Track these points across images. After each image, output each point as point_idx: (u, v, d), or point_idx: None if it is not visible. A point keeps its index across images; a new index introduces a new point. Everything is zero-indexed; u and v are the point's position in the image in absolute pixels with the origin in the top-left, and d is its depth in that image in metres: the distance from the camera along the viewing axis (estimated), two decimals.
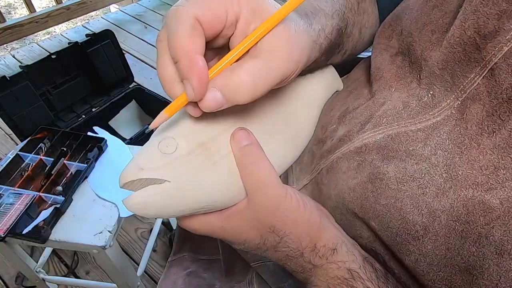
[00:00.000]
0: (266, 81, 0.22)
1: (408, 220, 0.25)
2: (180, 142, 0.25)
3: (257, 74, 0.21)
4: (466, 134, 0.24)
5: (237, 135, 0.26)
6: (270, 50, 0.22)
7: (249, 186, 0.26)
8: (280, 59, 0.22)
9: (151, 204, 0.24)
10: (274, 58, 0.22)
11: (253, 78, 0.21)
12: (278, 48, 0.22)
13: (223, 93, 0.21)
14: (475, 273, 0.21)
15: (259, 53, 0.22)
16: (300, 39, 0.24)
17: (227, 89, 0.21)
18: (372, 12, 0.40)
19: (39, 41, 2.08)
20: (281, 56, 0.22)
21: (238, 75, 0.21)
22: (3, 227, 0.64)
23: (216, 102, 0.21)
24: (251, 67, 0.21)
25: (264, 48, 0.22)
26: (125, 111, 1.37)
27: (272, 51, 0.22)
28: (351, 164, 0.30)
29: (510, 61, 0.22)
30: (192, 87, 0.20)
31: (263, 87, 0.22)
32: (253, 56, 0.22)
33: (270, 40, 0.22)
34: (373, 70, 0.34)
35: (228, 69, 0.22)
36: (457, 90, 0.25)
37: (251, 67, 0.21)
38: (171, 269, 0.59)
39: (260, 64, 0.21)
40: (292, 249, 0.27)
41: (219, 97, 0.21)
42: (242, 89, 0.21)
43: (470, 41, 0.24)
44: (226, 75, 0.21)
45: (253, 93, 0.21)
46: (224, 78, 0.21)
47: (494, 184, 0.21)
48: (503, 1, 0.22)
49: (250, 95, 0.21)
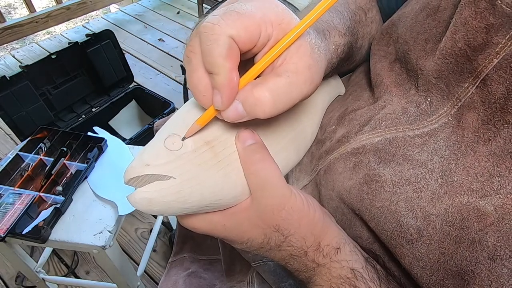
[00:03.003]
0: (286, 101, 0.23)
1: (402, 223, 0.25)
2: (186, 140, 0.25)
3: (278, 93, 0.22)
4: (463, 141, 0.24)
5: (242, 135, 0.27)
6: (294, 71, 0.23)
7: (253, 185, 0.26)
8: (302, 81, 0.23)
9: (155, 200, 0.24)
10: (296, 80, 0.23)
11: (273, 96, 0.22)
12: (303, 71, 0.23)
13: (244, 106, 0.22)
14: (467, 278, 0.22)
15: (284, 72, 0.22)
16: (321, 63, 0.25)
17: (248, 103, 0.22)
18: (379, 20, 0.41)
19: (39, 41, 2.08)
20: (303, 78, 0.23)
21: (260, 92, 0.22)
22: (3, 227, 0.64)
23: (238, 114, 0.23)
24: (273, 85, 0.22)
25: (288, 68, 0.23)
26: (125, 111, 1.37)
27: (296, 72, 0.23)
28: (347, 165, 0.31)
29: (501, 72, 0.22)
30: (222, 98, 0.22)
31: (282, 106, 0.23)
32: (277, 74, 0.22)
33: (296, 61, 0.23)
34: (373, 77, 0.34)
35: (252, 84, 0.23)
36: (453, 98, 0.26)
37: (273, 86, 0.22)
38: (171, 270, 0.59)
39: (282, 83, 0.22)
40: (296, 248, 0.28)
41: (240, 110, 0.22)
42: (262, 105, 0.22)
43: (461, 52, 0.24)
44: (248, 90, 0.22)
45: (272, 110, 0.23)
46: (246, 93, 0.22)
47: (489, 191, 0.22)
48: (491, 15, 0.23)
49: (269, 111, 0.22)
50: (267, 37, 0.22)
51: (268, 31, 0.22)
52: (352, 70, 0.43)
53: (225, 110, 0.23)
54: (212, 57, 0.21)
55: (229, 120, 0.23)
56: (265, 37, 0.22)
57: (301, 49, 0.23)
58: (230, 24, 0.21)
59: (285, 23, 0.22)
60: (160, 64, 1.93)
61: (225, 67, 0.21)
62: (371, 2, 0.40)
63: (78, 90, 1.26)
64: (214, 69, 0.21)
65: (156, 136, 0.26)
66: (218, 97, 0.22)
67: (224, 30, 0.21)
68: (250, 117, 0.23)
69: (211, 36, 0.21)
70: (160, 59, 1.97)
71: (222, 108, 0.22)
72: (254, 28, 0.22)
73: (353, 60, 0.39)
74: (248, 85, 0.23)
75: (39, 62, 1.12)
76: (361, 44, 0.38)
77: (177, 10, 2.40)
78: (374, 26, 0.40)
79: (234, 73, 0.21)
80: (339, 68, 0.36)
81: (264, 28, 0.22)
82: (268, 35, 0.22)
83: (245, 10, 0.21)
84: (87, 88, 1.29)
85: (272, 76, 0.22)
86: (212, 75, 0.22)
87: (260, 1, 0.23)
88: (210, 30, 0.21)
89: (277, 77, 0.22)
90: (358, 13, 0.38)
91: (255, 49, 0.23)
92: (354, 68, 0.42)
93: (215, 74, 0.21)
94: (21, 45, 2.20)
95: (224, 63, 0.21)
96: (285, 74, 0.22)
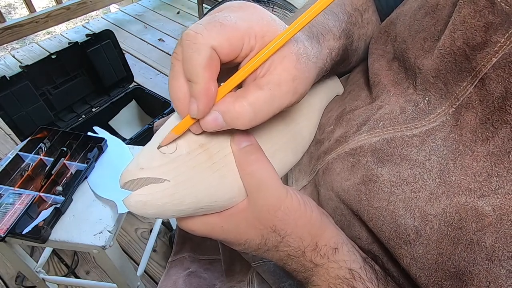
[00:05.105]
0: (266, 112, 0.23)
1: (400, 224, 0.25)
2: (180, 143, 0.25)
3: (259, 106, 0.22)
4: (461, 141, 0.24)
5: (237, 136, 0.27)
6: (277, 83, 0.23)
7: (249, 187, 0.26)
8: (284, 93, 0.23)
9: (150, 203, 0.24)
10: (278, 92, 0.23)
11: (254, 109, 0.22)
12: (285, 83, 0.23)
13: (225, 118, 0.23)
14: (465, 279, 0.22)
15: (265, 84, 0.22)
16: (309, 73, 0.25)
17: (229, 115, 0.22)
18: (376, 20, 0.41)
19: (39, 41, 2.08)
20: (285, 90, 0.23)
21: (241, 105, 0.22)
22: (3, 227, 0.64)
23: (217, 124, 0.23)
24: (254, 99, 0.22)
25: (271, 80, 0.23)
26: (125, 111, 1.37)
27: (279, 84, 0.23)
28: (345, 165, 0.31)
29: (499, 71, 0.22)
30: (198, 107, 0.22)
31: (263, 117, 0.23)
32: (259, 87, 0.22)
33: (279, 72, 0.23)
34: (371, 76, 0.34)
35: (232, 96, 0.23)
36: (451, 97, 0.26)
37: (254, 99, 0.22)
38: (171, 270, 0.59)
39: (263, 96, 0.22)
40: (294, 248, 0.28)
41: (220, 121, 0.23)
42: (242, 118, 0.22)
43: (460, 51, 0.24)
44: (230, 102, 0.22)
45: (252, 123, 0.23)
46: (227, 104, 0.22)
47: (487, 191, 0.22)
48: (490, 13, 0.22)
49: (249, 124, 0.23)
50: (250, 49, 0.23)
51: (251, 43, 0.22)
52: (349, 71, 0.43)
53: (201, 118, 0.23)
54: (191, 65, 0.21)
55: (206, 130, 0.23)
56: (248, 48, 0.22)
57: (286, 60, 0.23)
58: (212, 35, 0.21)
59: (268, 36, 0.23)
60: (160, 64, 1.93)
61: (204, 77, 0.21)
62: (368, 3, 0.40)
63: (78, 90, 1.26)
64: (193, 77, 0.21)
65: (151, 140, 0.26)
66: (194, 105, 0.22)
67: (206, 40, 0.21)
68: (228, 128, 0.23)
69: (193, 45, 0.21)
70: (160, 59, 1.97)
71: (198, 117, 0.23)
72: (237, 40, 0.22)
73: (349, 62, 0.39)
74: (230, 96, 0.23)
75: (39, 62, 1.12)
76: (357, 46, 0.38)
77: (177, 10, 2.40)
78: (370, 27, 0.40)
79: (212, 83, 0.22)
80: (335, 70, 0.36)
81: (247, 40, 0.22)
82: (250, 47, 0.22)
83: (229, 22, 0.22)
84: (87, 88, 1.29)
85: (253, 88, 0.23)
86: (190, 83, 0.22)
87: (246, 12, 0.23)
88: (192, 38, 0.21)
89: (259, 90, 0.22)
90: (354, 15, 0.37)
91: (238, 59, 0.23)
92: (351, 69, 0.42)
93: (193, 82, 0.22)
94: (21, 45, 2.20)
95: (203, 72, 0.21)
96: (266, 86, 0.22)
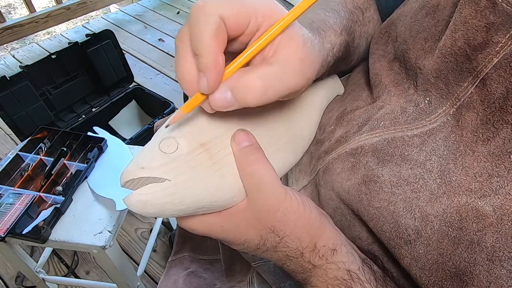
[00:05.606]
0: (276, 89, 0.22)
1: (400, 224, 0.25)
2: (181, 142, 0.25)
3: (269, 80, 0.22)
4: (462, 141, 0.24)
5: (237, 136, 0.27)
6: (285, 60, 0.22)
7: (249, 187, 0.26)
8: (293, 72, 0.23)
9: (151, 202, 0.24)
10: (287, 69, 0.23)
11: (264, 83, 0.22)
12: (294, 61, 0.23)
13: (234, 93, 0.22)
14: (466, 279, 0.22)
15: (274, 61, 0.22)
16: (314, 58, 0.25)
17: (238, 90, 0.22)
18: (377, 19, 0.41)
19: (39, 41, 2.08)
20: (294, 68, 0.23)
21: (250, 78, 0.22)
22: (3, 227, 0.64)
23: (226, 101, 0.22)
24: (264, 72, 0.22)
25: (280, 57, 0.22)
26: (125, 111, 1.37)
27: (287, 61, 0.22)
28: (345, 165, 0.31)
29: (501, 71, 0.22)
30: (207, 80, 0.21)
31: (272, 94, 0.22)
32: (268, 63, 0.22)
33: (287, 51, 0.23)
34: (372, 76, 0.34)
35: (241, 71, 0.22)
36: (452, 97, 0.26)
37: (264, 72, 0.22)
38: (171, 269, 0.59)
39: (273, 71, 0.22)
40: (292, 249, 0.28)
41: (229, 97, 0.22)
42: (252, 92, 0.22)
43: (461, 51, 0.24)
44: (239, 76, 0.22)
45: (262, 98, 0.22)
46: (236, 79, 0.22)
47: (487, 191, 0.22)
48: (491, 13, 0.22)
49: (259, 99, 0.22)
50: (256, 27, 0.22)
51: (258, 20, 0.22)
52: (350, 70, 0.43)
53: (211, 94, 0.22)
54: (200, 35, 0.21)
55: (216, 108, 0.23)
56: (254, 26, 0.22)
57: (293, 41, 0.23)
58: (221, 5, 0.21)
59: (274, 16, 0.22)
60: (160, 64, 1.93)
61: (212, 47, 0.21)
62: (369, 1, 0.40)
63: (78, 90, 1.26)
64: (200, 49, 0.21)
65: (152, 140, 0.26)
66: (204, 79, 0.21)
67: (214, 9, 0.20)
68: (239, 105, 0.22)
69: (201, 15, 0.21)
70: (160, 59, 1.97)
71: (208, 92, 0.22)
72: (244, 13, 0.21)
73: (351, 59, 0.39)
74: (237, 72, 0.22)
75: (39, 62, 1.12)
76: (358, 43, 0.38)
77: (177, 10, 2.40)
78: (372, 25, 0.40)
79: (220, 55, 0.21)
80: (336, 68, 0.36)
81: (254, 18, 0.22)
82: (257, 25, 0.22)
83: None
84: (87, 88, 1.29)
85: (262, 65, 0.22)
86: (198, 57, 0.21)
87: None
88: (200, 8, 0.21)
89: (268, 65, 0.22)
90: (356, 12, 0.38)
91: (243, 37, 0.23)
92: (353, 68, 0.42)
93: (201, 56, 0.21)
94: (21, 45, 2.20)
95: (211, 42, 0.20)
96: (276, 63, 0.22)
